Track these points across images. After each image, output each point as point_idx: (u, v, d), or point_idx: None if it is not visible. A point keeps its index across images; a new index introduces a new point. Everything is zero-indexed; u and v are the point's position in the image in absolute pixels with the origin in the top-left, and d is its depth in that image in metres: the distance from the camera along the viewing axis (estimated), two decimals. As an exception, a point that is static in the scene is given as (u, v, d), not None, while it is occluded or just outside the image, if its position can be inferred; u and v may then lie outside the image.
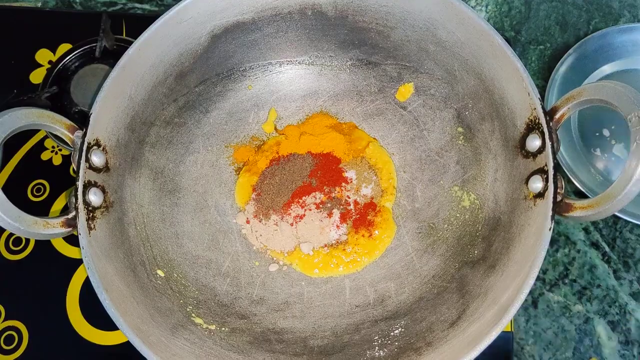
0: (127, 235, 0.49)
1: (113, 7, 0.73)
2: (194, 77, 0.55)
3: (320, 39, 0.57)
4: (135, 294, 0.45)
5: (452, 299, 0.48)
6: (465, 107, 0.54)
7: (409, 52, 0.55)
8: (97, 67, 0.65)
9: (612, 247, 0.62)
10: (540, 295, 0.60)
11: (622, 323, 0.59)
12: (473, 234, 0.51)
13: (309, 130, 0.59)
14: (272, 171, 0.57)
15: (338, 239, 0.55)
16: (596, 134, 0.63)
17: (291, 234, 0.55)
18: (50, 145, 0.65)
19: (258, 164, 0.57)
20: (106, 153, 0.47)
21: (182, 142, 0.56)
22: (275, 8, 0.53)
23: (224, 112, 0.58)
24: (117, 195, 0.49)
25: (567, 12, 0.70)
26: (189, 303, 0.50)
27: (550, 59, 0.68)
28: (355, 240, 0.55)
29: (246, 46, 0.56)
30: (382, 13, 0.53)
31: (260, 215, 0.55)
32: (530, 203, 0.45)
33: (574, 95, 0.43)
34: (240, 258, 0.54)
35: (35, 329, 0.58)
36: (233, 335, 0.48)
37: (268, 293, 0.53)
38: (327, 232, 0.55)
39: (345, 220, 0.55)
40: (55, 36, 0.69)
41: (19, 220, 0.41)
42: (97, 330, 0.58)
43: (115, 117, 0.48)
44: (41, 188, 0.63)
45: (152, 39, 0.48)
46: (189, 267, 0.52)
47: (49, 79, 0.65)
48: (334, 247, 0.55)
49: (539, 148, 0.45)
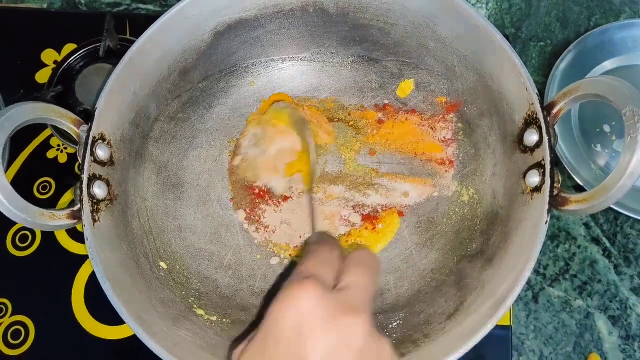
0: (130, 227, 0.49)
1: (117, 8, 0.74)
2: (198, 74, 0.55)
3: (322, 36, 0.57)
4: (138, 285, 0.46)
5: (450, 292, 0.48)
6: (465, 103, 0.54)
7: (409, 49, 0.55)
8: (101, 66, 0.66)
9: (613, 243, 0.62)
10: (541, 291, 0.61)
11: (622, 318, 0.59)
12: (472, 228, 0.52)
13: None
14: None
15: (344, 232, 0.56)
16: (597, 130, 0.63)
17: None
18: (55, 143, 0.65)
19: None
20: (111, 147, 0.48)
21: (186, 137, 0.57)
22: (278, 5, 0.54)
23: (227, 108, 0.58)
24: (122, 188, 0.49)
25: (568, 8, 0.70)
26: (191, 295, 0.50)
27: (550, 56, 0.69)
28: (358, 232, 0.55)
29: (249, 43, 0.56)
30: (383, 10, 0.53)
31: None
32: (528, 197, 0.45)
33: (571, 90, 0.43)
34: (242, 251, 0.55)
35: (42, 324, 0.59)
36: (234, 327, 0.49)
37: (269, 286, 0.53)
38: (337, 225, 0.56)
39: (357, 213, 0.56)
40: (61, 36, 0.70)
41: (26, 212, 0.42)
42: (102, 325, 0.59)
43: (120, 112, 0.49)
44: (47, 186, 0.64)
45: (156, 35, 0.49)
46: (191, 259, 0.53)
47: (54, 79, 0.66)
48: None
49: (537, 143, 0.45)
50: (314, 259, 0.38)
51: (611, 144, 0.63)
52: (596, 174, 0.61)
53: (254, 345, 0.34)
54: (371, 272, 0.37)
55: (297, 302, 0.32)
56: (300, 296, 0.33)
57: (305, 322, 0.32)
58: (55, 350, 0.58)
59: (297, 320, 0.32)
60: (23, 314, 0.59)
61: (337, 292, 0.35)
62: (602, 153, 0.62)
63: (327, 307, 0.32)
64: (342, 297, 0.34)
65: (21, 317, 0.59)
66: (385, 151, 0.58)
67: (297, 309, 0.32)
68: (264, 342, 0.33)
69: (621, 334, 0.59)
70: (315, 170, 0.55)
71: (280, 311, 0.33)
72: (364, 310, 0.34)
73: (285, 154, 0.54)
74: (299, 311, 0.32)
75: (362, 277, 0.36)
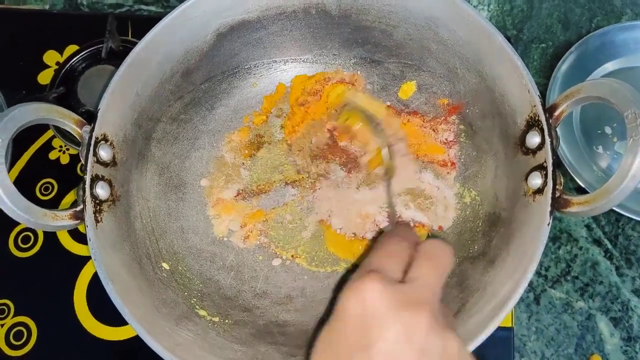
0: (133, 228, 0.50)
1: (119, 9, 0.74)
2: (200, 75, 0.55)
3: (324, 38, 0.57)
4: (141, 285, 0.46)
5: (452, 293, 0.48)
6: (467, 105, 0.54)
7: (411, 51, 0.55)
8: (103, 67, 0.67)
9: (615, 244, 0.62)
10: (542, 292, 0.61)
11: (624, 320, 0.60)
12: (473, 230, 0.52)
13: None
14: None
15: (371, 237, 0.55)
16: (598, 131, 0.63)
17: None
18: (58, 144, 0.65)
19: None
20: (113, 148, 0.48)
21: (188, 138, 0.57)
22: (280, 7, 0.54)
23: (229, 109, 0.58)
24: (124, 189, 0.49)
25: (569, 10, 0.70)
26: (193, 295, 0.50)
27: (552, 57, 0.69)
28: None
29: (251, 44, 0.56)
30: (385, 12, 0.53)
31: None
32: (530, 199, 0.45)
33: (572, 92, 0.43)
34: (243, 252, 0.55)
35: (44, 325, 0.59)
36: (236, 327, 0.49)
37: (271, 287, 0.54)
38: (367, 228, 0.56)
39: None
40: (63, 38, 0.70)
41: (29, 212, 0.42)
42: (103, 326, 0.59)
43: (123, 113, 0.49)
44: (49, 187, 0.64)
45: (159, 36, 0.49)
46: (193, 260, 0.53)
47: (56, 80, 0.67)
48: None
49: (539, 145, 0.45)
50: (380, 252, 0.39)
51: (612, 146, 0.63)
52: (598, 175, 0.61)
53: (326, 333, 0.35)
54: (441, 264, 0.37)
55: (360, 293, 0.33)
56: (364, 287, 0.33)
57: (368, 313, 0.33)
58: (57, 351, 0.58)
59: (361, 310, 0.33)
60: (25, 315, 0.59)
61: (402, 285, 0.35)
62: (604, 155, 0.62)
63: (391, 300, 0.33)
64: (407, 290, 0.34)
65: (23, 317, 0.59)
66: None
67: (360, 301, 0.33)
68: (333, 330, 0.35)
69: (622, 336, 0.59)
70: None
71: (346, 300, 0.34)
72: (429, 304, 0.34)
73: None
74: (362, 302, 0.33)
75: (430, 270, 0.36)
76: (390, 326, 0.32)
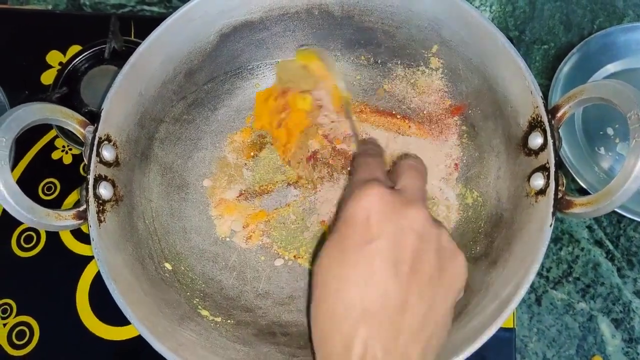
0: (136, 228, 0.50)
1: (122, 10, 0.74)
2: (203, 75, 0.55)
3: (327, 38, 0.57)
4: (143, 285, 0.46)
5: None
6: (469, 106, 0.54)
7: (413, 52, 0.56)
8: (106, 68, 0.67)
9: (616, 245, 0.62)
10: (544, 293, 0.61)
11: (625, 321, 0.60)
12: (475, 231, 0.52)
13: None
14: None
15: None
16: (600, 132, 0.64)
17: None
18: (60, 144, 0.66)
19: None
20: (117, 148, 0.48)
21: (191, 139, 0.57)
22: (283, 8, 0.54)
23: (231, 109, 0.58)
24: (127, 189, 0.49)
25: (571, 11, 0.71)
26: (195, 295, 0.50)
27: (554, 59, 0.69)
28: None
29: (254, 45, 0.56)
30: (387, 13, 0.53)
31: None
32: (532, 200, 0.45)
33: (575, 93, 0.43)
34: (246, 252, 0.55)
35: (46, 325, 0.59)
36: (238, 328, 0.49)
37: (273, 287, 0.53)
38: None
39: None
40: (66, 38, 0.70)
41: (32, 212, 0.42)
42: (106, 326, 0.59)
43: (126, 113, 0.49)
44: (52, 187, 0.64)
45: (162, 37, 0.49)
46: (196, 260, 0.53)
47: (59, 80, 0.67)
48: None
49: (541, 146, 0.45)
50: (365, 167, 0.44)
51: (614, 147, 0.63)
52: (599, 176, 0.61)
53: (333, 238, 0.39)
54: (422, 175, 0.44)
55: (364, 199, 0.38)
56: (367, 193, 0.38)
57: (372, 214, 0.37)
58: (59, 351, 0.59)
59: (366, 213, 0.37)
60: (27, 315, 0.60)
61: (397, 190, 0.40)
62: (606, 156, 0.62)
63: (390, 202, 0.38)
64: (402, 193, 0.40)
65: (26, 317, 0.59)
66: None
67: (364, 206, 0.38)
68: (340, 234, 0.38)
69: (624, 337, 0.59)
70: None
71: (350, 208, 0.38)
72: (422, 204, 0.39)
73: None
74: (366, 206, 0.38)
75: (415, 180, 0.42)
76: (393, 221, 0.37)
